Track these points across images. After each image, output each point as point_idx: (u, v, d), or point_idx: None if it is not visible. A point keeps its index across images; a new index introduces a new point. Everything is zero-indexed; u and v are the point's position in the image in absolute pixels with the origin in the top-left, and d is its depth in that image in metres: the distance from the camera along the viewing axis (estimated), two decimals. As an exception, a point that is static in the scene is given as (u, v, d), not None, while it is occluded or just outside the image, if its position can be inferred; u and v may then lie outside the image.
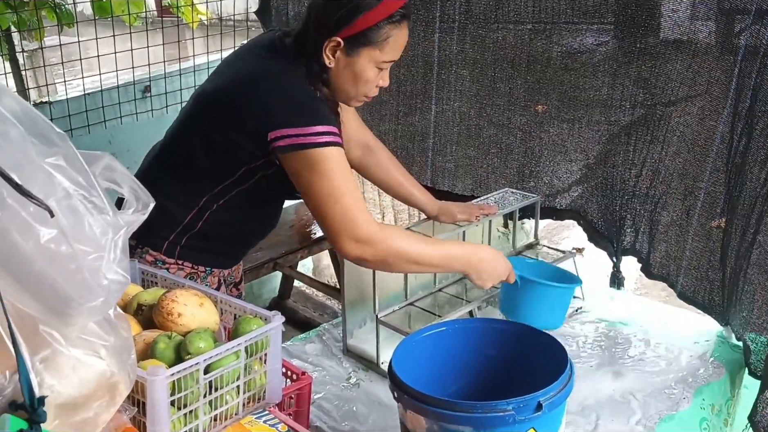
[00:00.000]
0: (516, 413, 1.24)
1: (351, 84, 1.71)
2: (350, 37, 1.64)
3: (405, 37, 1.70)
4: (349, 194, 1.63)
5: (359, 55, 1.66)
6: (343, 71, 1.69)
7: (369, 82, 1.71)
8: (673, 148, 2.10)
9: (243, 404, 1.43)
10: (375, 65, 1.68)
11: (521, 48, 2.35)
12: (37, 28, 3.33)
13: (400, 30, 1.67)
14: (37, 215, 0.81)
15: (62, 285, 0.84)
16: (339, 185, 1.62)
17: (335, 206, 1.62)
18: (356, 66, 1.68)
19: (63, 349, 0.88)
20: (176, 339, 1.37)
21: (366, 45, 1.65)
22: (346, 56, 1.67)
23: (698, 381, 1.88)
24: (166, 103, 3.42)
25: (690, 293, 2.15)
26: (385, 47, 1.66)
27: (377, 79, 1.72)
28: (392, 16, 1.64)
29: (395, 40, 1.67)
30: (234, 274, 2.14)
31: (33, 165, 0.85)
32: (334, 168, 1.62)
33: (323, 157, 1.61)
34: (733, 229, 1.94)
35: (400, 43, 1.69)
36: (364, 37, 1.64)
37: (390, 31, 1.65)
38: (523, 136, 2.46)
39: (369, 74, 1.69)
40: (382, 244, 1.62)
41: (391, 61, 1.70)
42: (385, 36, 1.65)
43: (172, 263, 1.86)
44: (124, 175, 1.04)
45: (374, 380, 1.89)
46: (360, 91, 1.73)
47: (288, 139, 1.62)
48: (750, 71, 1.83)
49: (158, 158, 1.90)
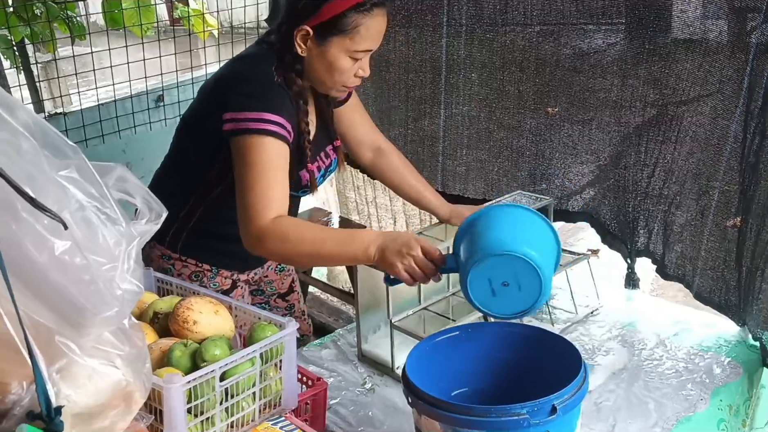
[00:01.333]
0: (530, 417, 1.24)
1: (325, 73, 1.69)
2: (318, 25, 1.62)
3: (378, 25, 1.64)
4: (258, 187, 1.58)
5: (330, 44, 1.63)
6: (315, 60, 1.67)
7: (344, 72, 1.68)
8: (686, 148, 2.09)
9: (259, 411, 1.44)
10: (347, 54, 1.65)
11: (530, 50, 2.34)
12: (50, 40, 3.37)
13: (371, 18, 1.62)
14: (51, 227, 0.82)
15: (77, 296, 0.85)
16: (253, 176, 1.59)
17: (243, 198, 1.60)
18: (328, 55, 1.65)
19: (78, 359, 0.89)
20: (192, 346, 1.39)
21: (335, 34, 1.63)
22: (317, 45, 1.65)
23: (715, 382, 1.86)
24: (179, 112, 3.44)
25: (706, 293, 2.14)
26: (355, 36, 1.62)
27: (354, 68, 1.69)
28: (361, 5, 1.60)
29: (366, 28, 1.62)
30: (277, 285, 2.17)
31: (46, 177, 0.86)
32: (257, 158, 1.59)
33: (251, 144, 1.59)
34: (748, 228, 1.93)
35: (373, 33, 1.64)
36: (332, 25, 1.61)
37: (359, 20, 1.61)
38: (534, 139, 2.45)
39: (342, 63, 1.66)
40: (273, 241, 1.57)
41: (366, 50, 1.67)
42: (354, 24, 1.61)
43: (176, 258, 1.89)
44: (136, 185, 1.06)
45: (389, 385, 1.89)
46: (336, 81, 1.70)
47: (232, 123, 1.62)
48: (762, 69, 1.81)
49: (166, 156, 1.95)
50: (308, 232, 1.60)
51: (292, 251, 1.60)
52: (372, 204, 3.91)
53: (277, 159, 1.62)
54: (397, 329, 1.86)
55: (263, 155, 1.60)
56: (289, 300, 2.23)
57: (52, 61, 3.66)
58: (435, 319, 1.91)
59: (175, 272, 1.90)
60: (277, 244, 1.58)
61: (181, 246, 1.88)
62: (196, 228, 1.84)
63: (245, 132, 1.60)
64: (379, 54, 2.72)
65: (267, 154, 1.60)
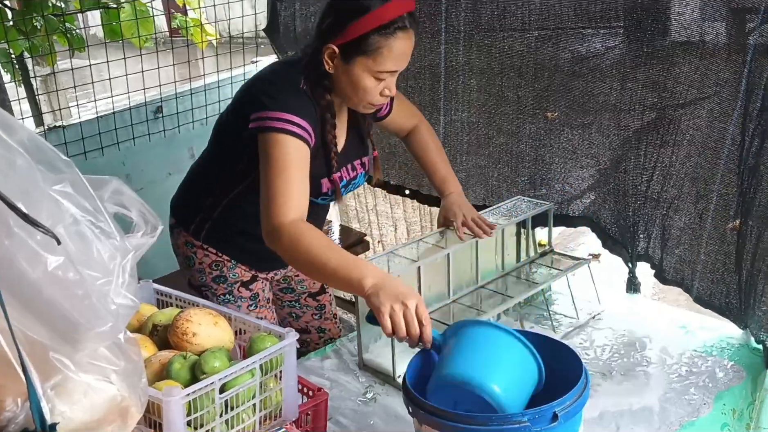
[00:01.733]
0: (531, 424, 1.24)
1: (351, 90, 1.74)
2: (343, 45, 1.67)
3: (402, 47, 1.68)
4: (278, 182, 1.65)
5: (354, 63, 1.68)
6: (342, 78, 1.72)
7: (368, 91, 1.72)
8: (684, 151, 2.09)
9: (259, 422, 1.43)
10: (371, 74, 1.69)
11: (528, 56, 2.34)
12: (49, 53, 3.38)
13: (395, 40, 1.65)
14: (44, 243, 0.82)
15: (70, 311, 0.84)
16: (274, 172, 1.66)
17: (264, 192, 1.68)
18: (352, 74, 1.70)
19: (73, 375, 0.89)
20: (191, 359, 1.38)
21: (359, 54, 1.67)
22: (342, 63, 1.70)
23: (718, 386, 1.85)
24: (178, 123, 3.45)
25: (706, 297, 2.13)
26: (378, 57, 1.66)
27: (378, 87, 1.72)
28: (384, 27, 1.64)
29: (389, 50, 1.66)
30: (309, 284, 2.23)
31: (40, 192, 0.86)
32: (277, 155, 1.67)
33: (271, 141, 1.68)
34: (748, 230, 1.92)
35: (396, 54, 1.67)
36: (356, 46, 1.66)
37: (382, 42, 1.65)
38: (534, 144, 2.45)
39: (366, 83, 1.70)
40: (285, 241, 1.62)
41: (389, 71, 1.70)
42: (377, 46, 1.65)
43: (199, 246, 1.99)
44: (132, 198, 1.05)
45: (391, 394, 1.88)
46: (361, 98, 1.75)
47: (257, 122, 1.70)
48: (761, 71, 1.81)
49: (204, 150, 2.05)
50: (318, 245, 1.61)
51: (297, 257, 1.63)
52: (372, 212, 3.91)
53: (297, 158, 1.69)
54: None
55: (283, 152, 1.67)
56: (320, 300, 2.26)
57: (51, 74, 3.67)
58: (436, 326, 1.89)
59: (196, 260, 2.00)
60: (288, 245, 1.63)
61: (204, 235, 1.97)
62: (218, 220, 1.91)
63: (267, 130, 1.68)
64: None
65: (286, 151, 1.67)
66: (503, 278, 2.17)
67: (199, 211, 1.97)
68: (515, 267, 2.23)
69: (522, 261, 2.27)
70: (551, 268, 2.21)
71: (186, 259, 2.03)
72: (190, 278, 2.05)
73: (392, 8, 1.64)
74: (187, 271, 2.05)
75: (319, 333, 2.29)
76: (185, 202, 2.05)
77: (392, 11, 1.64)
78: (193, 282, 2.05)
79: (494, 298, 2.05)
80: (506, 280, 2.17)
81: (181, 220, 2.02)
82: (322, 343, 2.28)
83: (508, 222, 2.14)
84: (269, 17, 3.14)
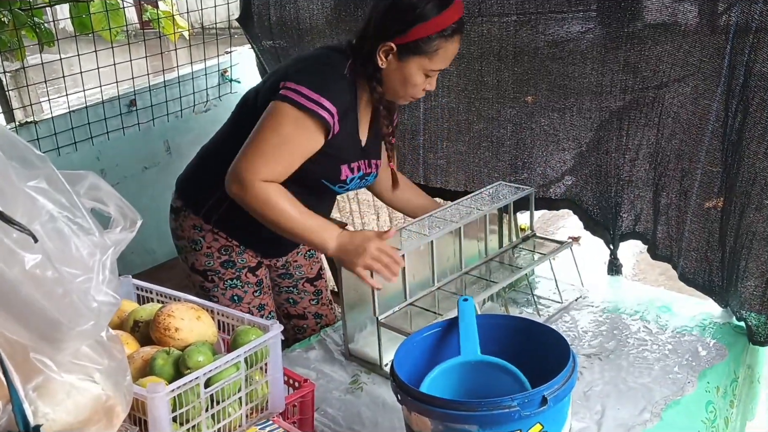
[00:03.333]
0: (521, 409, 1.23)
1: (400, 85, 1.85)
2: (403, 44, 1.77)
3: (455, 48, 1.82)
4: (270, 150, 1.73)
5: (409, 61, 1.79)
6: (393, 73, 1.82)
7: (417, 86, 1.84)
8: (668, 130, 2.09)
9: (246, 416, 1.42)
10: (423, 72, 1.81)
11: (507, 40, 2.33)
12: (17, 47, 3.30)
13: (451, 43, 1.79)
14: (21, 241, 0.80)
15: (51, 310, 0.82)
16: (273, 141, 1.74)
17: (249, 147, 1.75)
18: (406, 71, 1.81)
19: (56, 376, 0.86)
20: (175, 354, 1.36)
21: (417, 53, 1.78)
22: (397, 60, 1.80)
23: (702, 364, 1.87)
24: (153, 116, 3.40)
25: (690, 275, 2.15)
26: (434, 57, 1.79)
27: (425, 83, 1.85)
28: (444, 30, 1.76)
29: (445, 51, 1.79)
30: (306, 270, 2.27)
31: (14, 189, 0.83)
32: (288, 130, 1.74)
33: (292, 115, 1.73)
34: (732, 207, 1.93)
35: (449, 54, 1.81)
36: (416, 46, 1.77)
37: (441, 44, 1.77)
38: (514, 128, 2.44)
39: (417, 79, 1.82)
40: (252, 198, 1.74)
41: (439, 69, 1.83)
42: (436, 47, 1.77)
43: (208, 230, 2.00)
44: (109, 193, 1.03)
45: (377, 383, 1.87)
46: (408, 93, 1.87)
47: (287, 90, 1.75)
48: (742, 47, 1.81)
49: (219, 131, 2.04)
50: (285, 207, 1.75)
51: (264, 215, 1.77)
52: (354, 200, 3.90)
53: (306, 143, 1.78)
54: (384, 326, 1.85)
55: (297, 132, 1.75)
56: (317, 285, 2.31)
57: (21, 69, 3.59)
58: (421, 314, 1.89)
59: (204, 244, 2.01)
60: (255, 202, 1.76)
61: (215, 219, 1.98)
62: (233, 205, 1.88)
63: (293, 103, 1.73)
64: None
65: (301, 132, 1.75)
66: (486, 264, 2.17)
67: (211, 195, 1.95)
68: (498, 252, 2.24)
69: (504, 246, 2.27)
70: (534, 252, 2.22)
71: (192, 243, 2.02)
72: (194, 262, 2.04)
73: (451, 14, 1.77)
74: (192, 254, 2.04)
75: (316, 319, 2.30)
76: (196, 185, 2.03)
77: (452, 16, 1.77)
78: (198, 266, 2.04)
79: (478, 283, 2.04)
80: (489, 265, 2.17)
81: (190, 203, 2.01)
82: (318, 329, 2.28)
83: (490, 208, 2.14)
84: (242, 6, 3.09)
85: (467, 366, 1.45)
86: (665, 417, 1.69)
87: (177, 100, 3.45)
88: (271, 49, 3.05)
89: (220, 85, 3.62)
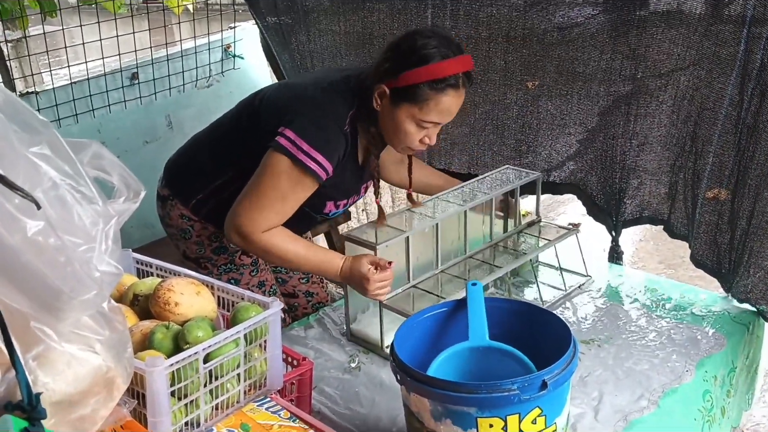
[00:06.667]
0: (521, 392, 1.23)
1: (392, 132, 1.77)
2: (394, 89, 1.70)
3: (450, 103, 1.71)
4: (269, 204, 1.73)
5: (400, 108, 1.71)
6: (386, 117, 1.75)
7: (409, 135, 1.75)
8: (683, 112, 2.08)
9: (244, 392, 1.41)
10: (414, 122, 1.72)
11: (516, 21, 2.30)
12: (20, 16, 3.26)
13: (443, 96, 1.68)
14: (23, 207, 0.78)
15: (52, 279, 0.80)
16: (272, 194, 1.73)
17: (248, 200, 1.74)
18: (396, 117, 1.72)
19: (56, 345, 0.85)
20: (174, 329, 1.36)
21: (406, 100, 1.69)
22: (390, 105, 1.72)
23: (700, 353, 1.87)
24: (155, 90, 3.37)
25: (699, 256, 2.15)
26: (424, 107, 1.69)
27: (419, 134, 1.75)
28: (436, 82, 1.66)
29: (437, 104, 1.69)
30: None
31: (16, 154, 0.81)
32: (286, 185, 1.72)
33: (290, 169, 1.71)
34: (746, 190, 1.92)
35: (442, 108, 1.70)
36: (406, 92, 1.69)
37: (431, 95, 1.67)
38: (519, 111, 2.42)
39: (408, 128, 1.73)
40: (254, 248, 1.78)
41: (433, 122, 1.73)
42: (425, 97, 1.68)
43: (196, 221, 1.97)
44: (113, 162, 1.01)
45: (375, 363, 1.87)
46: (401, 141, 1.77)
47: (287, 141, 1.71)
48: (760, 33, 1.80)
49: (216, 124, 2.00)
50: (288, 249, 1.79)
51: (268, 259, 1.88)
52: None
53: (301, 195, 1.76)
54: (386, 308, 1.84)
55: (293, 187, 1.73)
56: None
57: (23, 39, 3.55)
58: (424, 296, 1.89)
59: (194, 233, 1.99)
60: (257, 251, 1.81)
61: (204, 212, 1.95)
62: (224, 202, 1.87)
63: (290, 155, 1.70)
64: (362, 27, 2.66)
65: (296, 187, 1.73)
66: (491, 248, 2.16)
67: (202, 189, 1.93)
68: (503, 237, 2.22)
69: (510, 231, 2.26)
70: (539, 237, 2.20)
71: (181, 232, 1.99)
72: (186, 250, 2.02)
73: (450, 65, 1.67)
74: (182, 242, 2.01)
75: (306, 297, 2.28)
76: (187, 176, 1.99)
77: (449, 68, 1.66)
78: (190, 254, 2.02)
79: (482, 267, 2.03)
80: (494, 250, 2.16)
81: (179, 193, 1.97)
82: (310, 307, 2.27)
83: (496, 192, 2.12)
84: (248, -19, 3.05)
85: (476, 351, 1.44)
86: (662, 405, 1.69)
87: (179, 75, 3.42)
88: (276, 25, 3.01)
89: (223, 60, 3.58)
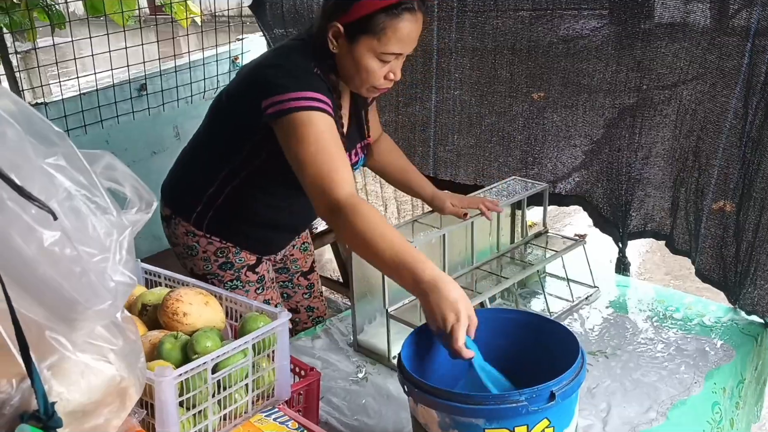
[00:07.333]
0: (529, 404, 1.23)
1: (354, 72, 1.69)
2: (348, 23, 1.62)
3: (409, 29, 1.63)
4: (321, 159, 1.56)
5: (359, 43, 1.64)
6: (345, 58, 1.67)
7: (371, 73, 1.67)
8: (686, 126, 2.08)
9: (252, 402, 1.41)
10: (375, 55, 1.65)
11: (522, 33, 2.32)
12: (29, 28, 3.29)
13: (401, 22, 1.61)
14: (39, 218, 0.79)
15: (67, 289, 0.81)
16: (311, 151, 1.57)
17: (306, 174, 1.57)
18: (356, 53, 1.65)
19: (70, 355, 0.85)
20: (182, 339, 1.36)
21: (363, 33, 1.62)
22: (347, 43, 1.65)
23: (708, 365, 1.86)
24: (163, 101, 3.40)
25: (705, 271, 2.15)
26: (382, 38, 1.62)
27: (383, 70, 1.68)
28: (390, 7, 1.59)
29: (394, 31, 1.61)
30: (301, 263, 2.24)
31: (32, 165, 0.82)
32: (309, 132, 1.58)
33: (301, 121, 1.59)
34: (752, 203, 1.92)
35: (401, 36, 1.62)
36: (361, 25, 1.61)
37: (387, 22, 1.60)
38: (525, 123, 2.44)
39: (370, 63, 1.66)
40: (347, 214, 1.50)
41: (394, 53, 1.65)
42: (382, 26, 1.60)
43: (201, 235, 1.94)
44: (125, 173, 1.02)
45: (383, 374, 1.87)
46: (364, 80, 1.70)
47: (276, 105, 1.61)
48: (764, 46, 1.80)
49: (195, 135, 1.96)
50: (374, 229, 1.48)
51: (359, 233, 1.48)
52: (362, 191, 3.89)
53: (330, 131, 1.60)
54: (394, 319, 1.84)
55: (315, 128, 1.58)
56: (310, 279, 2.28)
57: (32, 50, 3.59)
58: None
59: (200, 249, 1.96)
60: (350, 219, 1.49)
61: (206, 224, 1.92)
62: (222, 209, 1.85)
63: (290, 111, 1.59)
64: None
65: (318, 127, 1.59)
66: (498, 259, 2.16)
67: (199, 201, 1.90)
68: (510, 248, 2.22)
69: (517, 242, 2.26)
70: (546, 249, 2.21)
71: (188, 249, 1.97)
72: (193, 267, 2.00)
73: None
74: (189, 260, 1.99)
75: (308, 312, 2.29)
76: (182, 192, 1.97)
77: None
78: (197, 271, 1.99)
79: (489, 279, 2.04)
80: (501, 261, 2.16)
81: (179, 210, 1.95)
82: (310, 322, 2.27)
83: (503, 203, 2.12)
84: (255, -7, 3.08)
85: None
86: (671, 416, 1.68)
87: (187, 86, 3.45)
88: (283, 37, 3.04)
89: (230, 71, 3.62)
